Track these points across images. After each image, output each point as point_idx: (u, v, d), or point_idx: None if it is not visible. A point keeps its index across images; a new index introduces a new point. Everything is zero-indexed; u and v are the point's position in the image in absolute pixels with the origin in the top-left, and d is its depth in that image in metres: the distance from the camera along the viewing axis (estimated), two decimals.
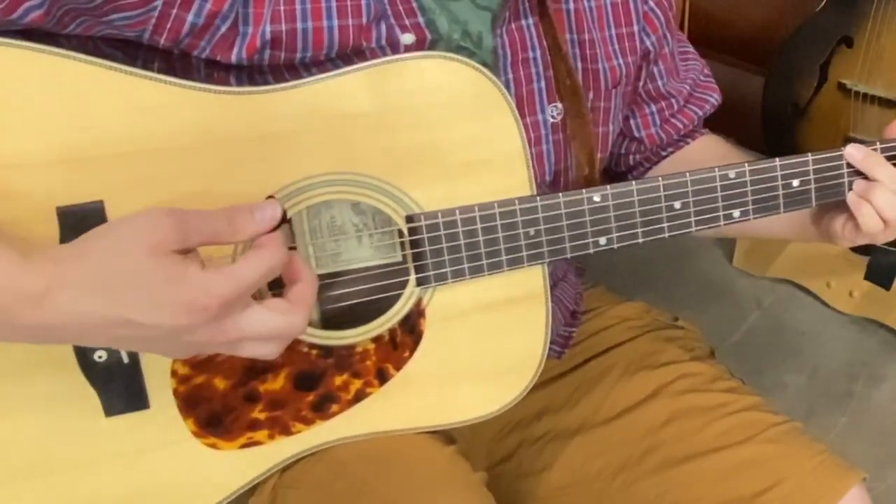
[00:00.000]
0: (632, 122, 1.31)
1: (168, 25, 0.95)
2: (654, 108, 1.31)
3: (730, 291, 2.55)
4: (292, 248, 1.03)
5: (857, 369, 2.35)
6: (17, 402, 0.96)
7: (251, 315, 0.84)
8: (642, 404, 1.29)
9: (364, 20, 1.01)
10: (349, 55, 1.02)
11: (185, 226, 0.81)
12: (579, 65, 1.17)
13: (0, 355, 0.94)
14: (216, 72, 1.00)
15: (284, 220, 0.89)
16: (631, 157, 1.36)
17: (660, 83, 1.29)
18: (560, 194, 1.04)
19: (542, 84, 1.13)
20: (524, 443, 1.34)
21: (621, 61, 1.20)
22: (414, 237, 1.02)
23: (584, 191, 1.05)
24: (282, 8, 0.98)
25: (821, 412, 2.25)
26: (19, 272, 0.77)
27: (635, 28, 1.21)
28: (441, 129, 1.00)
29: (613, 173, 1.39)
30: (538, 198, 1.04)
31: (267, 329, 0.86)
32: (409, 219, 1.02)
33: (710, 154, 1.32)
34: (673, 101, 1.32)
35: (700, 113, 1.35)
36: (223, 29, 0.97)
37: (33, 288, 0.77)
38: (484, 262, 1.04)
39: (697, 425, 1.25)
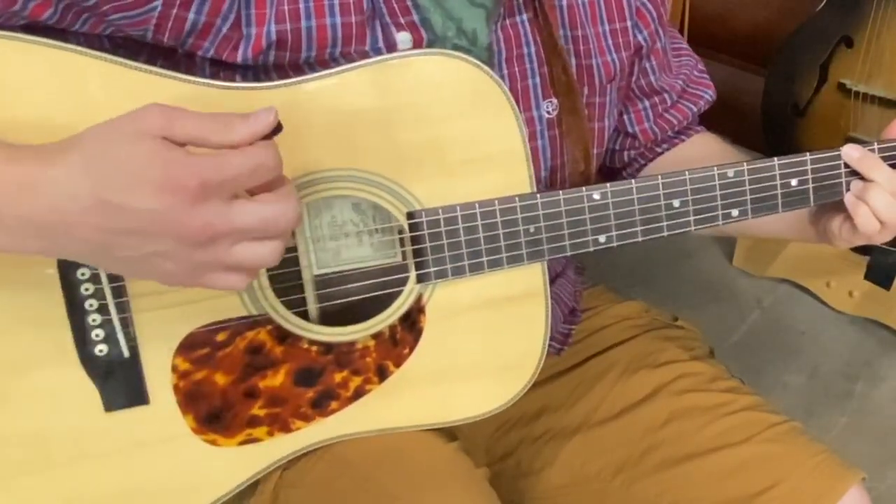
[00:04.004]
0: (625, 117, 1.31)
1: (169, 25, 0.95)
2: (647, 103, 1.31)
3: (730, 291, 2.55)
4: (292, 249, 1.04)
5: (857, 369, 2.35)
6: (16, 397, 0.96)
7: (239, 206, 0.81)
8: (642, 404, 1.29)
9: (365, 16, 1.01)
10: (353, 55, 1.02)
11: (171, 114, 0.80)
12: (573, 60, 1.17)
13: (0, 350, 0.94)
14: (221, 71, 1.00)
15: (279, 129, 0.85)
16: (626, 153, 1.36)
17: (652, 78, 1.29)
18: (560, 192, 1.04)
19: (537, 80, 1.14)
20: (524, 441, 1.33)
21: (615, 56, 1.21)
22: (415, 233, 1.03)
23: (583, 188, 1.05)
24: (286, 7, 0.98)
25: (821, 412, 2.25)
26: (6, 162, 0.79)
27: (628, 24, 1.21)
28: (442, 126, 1.01)
29: (608, 170, 1.39)
30: (538, 195, 1.04)
31: (259, 219, 0.82)
32: (410, 215, 1.02)
33: (706, 152, 1.32)
34: (666, 96, 1.32)
35: (694, 109, 1.35)
36: (224, 29, 0.97)
37: (21, 177, 0.79)
38: (484, 258, 1.04)
39: (697, 425, 1.25)
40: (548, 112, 1.15)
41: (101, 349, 0.97)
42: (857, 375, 2.34)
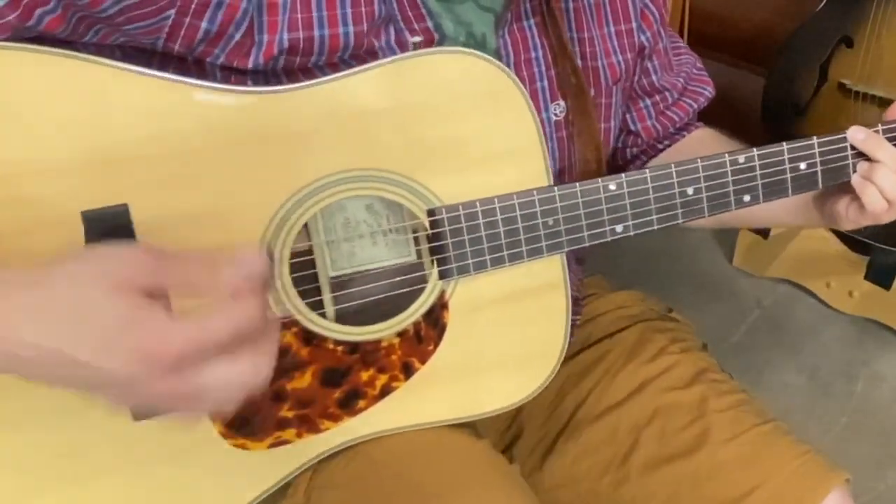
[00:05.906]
0: (628, 115, 1.33)
1: (181, 33, 0.96)
2: (648, 101, 1.33)
3: (730, 291, 2.56)
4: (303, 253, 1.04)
5: (857, 369, 2.37)
6: (47, 410, 0.96)
7: (215, 370, 0.75)
8: (627, 401, 1.29)
9: (377, 24, 1.03)
10: (362, 56, 1.03)
11: (160, 264, 0.75)
12: (579, 63, 1.19)
13: None
14: (232, 76, 1.01)
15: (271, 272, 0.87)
16: (628, 150, 1.38)
17: (654, 78, 1.31)
18: (577, 184, 1.06)
19: (545, 83, 1.15)
20: (519, 439, 1.35)
21: (620, 58, 1.23)
22: (436, 230, 1.04)
23: (599, 179, 1.06)
24: (299, 16, 0.98)
25: (821, 412, 2.26)
26: None
27: (633, 25, 1.23)
28: (458, 122, 1.02)
29: (611, 167, 1.39)
30: (556, 188, 1.05)
31: (231, 383, 0.76)
32: (431, 212, 1.03)
33: (707, 145, 1.34)
34: (667, 94, 1.34)
35: (695, 105, 1.37)
36: (237, 36, 0.97)
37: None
38: (505, 252, 1.05)
39: (680, 424, 1.25)
40: (555, 114, 1.16)
41: None
42: (857, 375, 2.35)
